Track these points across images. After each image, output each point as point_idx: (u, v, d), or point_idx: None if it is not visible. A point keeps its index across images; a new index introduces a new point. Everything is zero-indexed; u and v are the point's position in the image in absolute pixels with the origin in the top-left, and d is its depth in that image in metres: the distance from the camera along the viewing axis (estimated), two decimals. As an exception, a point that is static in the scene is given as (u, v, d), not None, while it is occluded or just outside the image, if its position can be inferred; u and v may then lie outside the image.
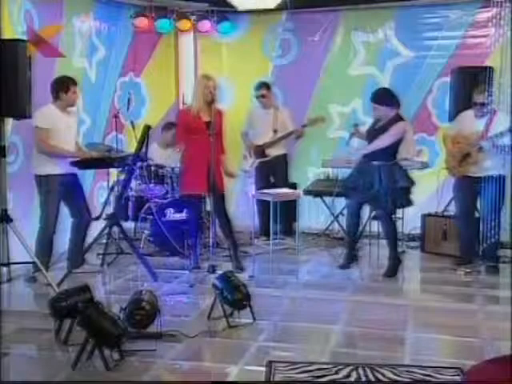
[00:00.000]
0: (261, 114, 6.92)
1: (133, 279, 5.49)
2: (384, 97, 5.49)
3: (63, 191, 5.35)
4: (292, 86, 7.39)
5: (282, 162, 6.95)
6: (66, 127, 5.35)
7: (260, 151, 6.85)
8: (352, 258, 5.86)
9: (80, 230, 5.55)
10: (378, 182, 5.40)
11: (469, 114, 5.69)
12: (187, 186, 5.71)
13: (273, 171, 6.90)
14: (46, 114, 5.27)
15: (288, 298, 4.95)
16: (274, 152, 6.85)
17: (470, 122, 5.63)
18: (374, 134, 5.52)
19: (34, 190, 5.50)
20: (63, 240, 5.59)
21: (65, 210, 5.51)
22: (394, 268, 5.57)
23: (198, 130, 5.41)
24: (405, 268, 5.91)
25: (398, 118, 5.43)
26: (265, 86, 6.91)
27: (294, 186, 6.84)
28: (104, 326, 3.48)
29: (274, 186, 6.54)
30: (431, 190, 6.73)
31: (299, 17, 7.51)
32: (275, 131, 6.82)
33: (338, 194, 6.16)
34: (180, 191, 6.05)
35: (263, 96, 6.87)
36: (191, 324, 4.27)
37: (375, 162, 5.44)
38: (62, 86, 5.32)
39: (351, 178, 5.68)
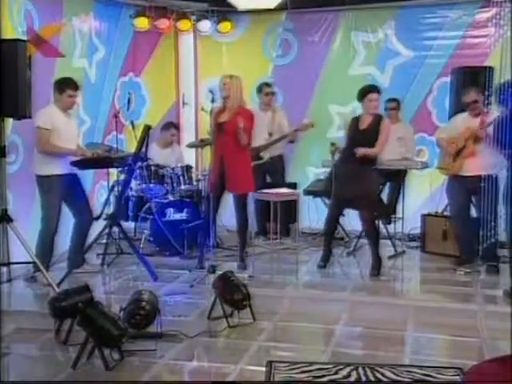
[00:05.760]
0: (258, 115, 6.84)
1: (133, 279, 5.49)
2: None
3: (64, 191, 5.35)
4: (292, 86, 7.40)
5: (278, 162, 6.98)
6: (67, 127, 5.34)
7: (255, 154, 6.83)
8: (328, 259, 5.81)
9: (81, 229, 5.55)
10: (359, 184, 5.38)
11: (463, 116, 5.70)
12: (209, 184, 5.77)
13: (269, 171, 6.92)
14: (48, 114, 5.26)
15: (288, 298, 4.95)
16: (269, 154, 6.84)
17: (464, 122, 5.63)
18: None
19: (34, 190, 5.50)
20: (64, 240, 5.58)
21: (65, 210, 5.50)
22: (377, 267, 5.56)
23: (215, 129, 5.44)
24: (405, 268, 5.92)
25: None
26: (271, 85, 6.96)
27: (294, 186, 6.85)
28: (104, 326, 3.48)
29: (272, 185, 6.54)
30: (431, 190, 6.74)
31: (299, 17, 7.52)
32: (270, 134, 6.83)
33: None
34: None
35: (273, 93, 6.90)
36: (191, 324, 4.27)
37: (353, 165, 5.40)
38: (58, 88, 5.30)
39: (332, 183, 5.52)
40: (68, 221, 5.58)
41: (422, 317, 4.53)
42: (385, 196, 6.58)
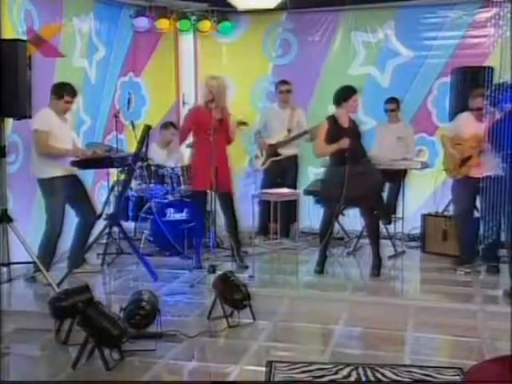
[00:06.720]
0: (277, 112, 6.91)
1: (133, 279, 5.50)
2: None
3: (66, 193, 5.35)
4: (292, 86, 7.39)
5: (293, 162, 6.92)
6: (63, 131, 5.35)
7: (273, 150, 6.80)
8: (324, 263, 5.65)
9: (84, 229, 5.55)
10: (370, 181, 5.36)
11: (467, 115, 5.69)
12: (193, 183, 5.82)
13: (283, 172, 6.83)
14: (44, 116, 5.25)
15: (288, 298, 4.95)
16: (286, 151, 6.81)
17: (469, 124, 5.62)
18: None
19: (34, 190, 5.51)
20: (64, 240, 5.58)
21: (67, 211, 5.50)
22: (377, 267, 5.54)
23: (203, 128, 5.43)
24: (405, 268, 5.92)
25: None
26: (288, 82, 6.92)
27: (294, 186, 6.83)
28: (104, 326, 3.48)
29: (282, 186, 6.47)
30: (431, 190, 6.73)
31: (299, 17, 7.52)
32: (289, 130, 6.79)
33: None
34: (190, 188, 6.09)
35: (289, 91, 6.86)
36: (191, 324, 4.27)
37: (357, 163, 5.33)
38: (57, 92, 5.29)
39: (329, 184, 5.50)
40: (70, 221, 5.58)
41: (422, 317, 4.53)
42: (385, 196, 6.57)
